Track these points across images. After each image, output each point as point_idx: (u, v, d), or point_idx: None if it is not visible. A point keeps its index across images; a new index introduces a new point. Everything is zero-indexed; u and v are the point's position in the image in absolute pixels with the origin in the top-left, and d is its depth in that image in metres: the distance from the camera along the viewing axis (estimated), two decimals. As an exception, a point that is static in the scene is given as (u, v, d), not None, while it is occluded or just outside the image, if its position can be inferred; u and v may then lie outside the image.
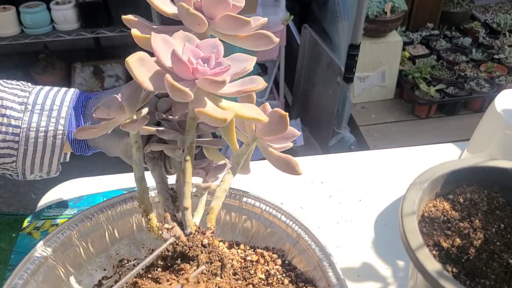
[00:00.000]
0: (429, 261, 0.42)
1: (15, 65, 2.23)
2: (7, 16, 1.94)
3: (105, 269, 0.53)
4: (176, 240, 0.41)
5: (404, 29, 2.55)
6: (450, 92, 2.23)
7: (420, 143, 1.35)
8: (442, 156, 0.86)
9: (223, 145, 0.48)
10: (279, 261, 0.50)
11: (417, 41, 2.53)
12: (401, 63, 2.35)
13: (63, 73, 2.29)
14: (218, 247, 0.43)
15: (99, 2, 1.95)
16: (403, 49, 2.38)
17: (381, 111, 2.32)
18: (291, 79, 2.27)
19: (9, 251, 0.70)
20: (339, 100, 1.86)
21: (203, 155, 0.50)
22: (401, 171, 0.83)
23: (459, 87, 2.25)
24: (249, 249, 0.51)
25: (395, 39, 2.26)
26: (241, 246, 0.51)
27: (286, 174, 0.48)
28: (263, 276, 0.46)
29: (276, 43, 0.44)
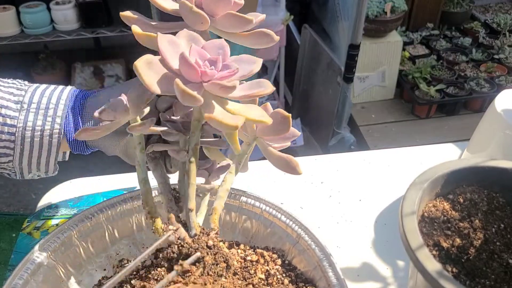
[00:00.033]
0: (429, 261, 0.42)
1: (15, 65, 2.23)
2: (7, 16, 1.94)
3: (105, 269, 0.53)
4: (181, 241, 0.41)
5: (404, 29, 2.55)
6: (450, 92, 2.23)
7: (420, 143, 1.35)
8: (442, 156, 0.86)
9: (226, 146, 0.48)
10: (279, 261, 0.49)
11: (417, 41, 2.53)
12: (401, 63, 2.35)
13: (63, 73, 2.30)
14: (222, 248, 0.43)
15: (99, 2, 1.95)
16: (403, 49, 2.38)
17: (381, 111, 2.32)
18: (291, 79, 2.27)
19: (9, 251, 0.70)
20: (339, 100, 1.86)
21: (204, 155, 0.50)
22: (401, 171, 0.83)
23: (459, 87, 2.25)
24: (249, 249, 0.50)
25: (395, 39, 2.26)
26: (241, 246, 0.51)
27: (286, 174, 0.48)
28: (263, 276, 0.46)
29: (276, 42, 0.44)
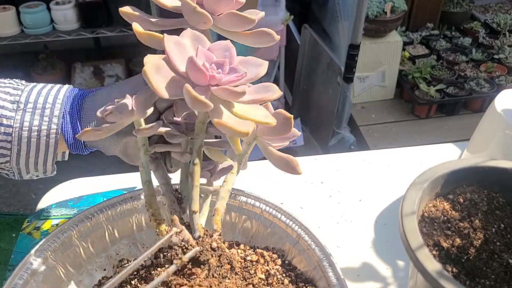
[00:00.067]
0: (429, 261, 0.42)
1: (15, 65, 2.23)
2: (7, 16, 1.94)
3: (105, 269, 0.53)
4: (185, 243, 0.41)
5: (404, 29, 2.55)
6: (450, 92, 2.23)
7: (420, 143, 1.35)
8: (442, 156, 0.86)
9: (228, 147, 0.48)
10: (279, 261, 0.49)
11: (417, 41, 2.53)
12: (401, 63, 2.35)
13: (63, 73, 2.30)
14: (226, 250, 0.43)
15: (99, 2, 1.95)
16: (403, 49, 2.38)
17: (381, 111, 2.32)
18: (291, 79, 2.27)
19: (9, 251, 0.70)
20: (339, 100, 1.86)
21: (206, 156, 0.50)
22: (401, 171, 0.83)
23: (459, 87, 2.25)
24: (249, 249, 0.50)
25: (395, 39, 2.26)
26: (241, 246, 0.51)
27: (286, 174, 0.48)
28: (263, 276, 0.46)
29: (277, 41, 0.44)
